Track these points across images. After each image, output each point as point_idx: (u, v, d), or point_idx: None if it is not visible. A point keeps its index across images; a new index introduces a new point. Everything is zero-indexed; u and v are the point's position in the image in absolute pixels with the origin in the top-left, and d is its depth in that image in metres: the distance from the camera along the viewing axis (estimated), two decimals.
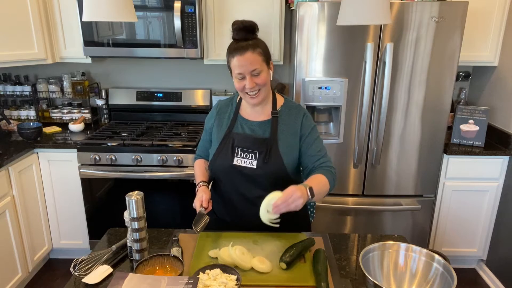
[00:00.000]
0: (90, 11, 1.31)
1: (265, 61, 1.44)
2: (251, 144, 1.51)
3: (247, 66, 1.40)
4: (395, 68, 2.32)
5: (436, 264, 1.22)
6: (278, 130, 1.52)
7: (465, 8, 2.22)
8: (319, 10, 2.24)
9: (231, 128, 1.56)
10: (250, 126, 1.55)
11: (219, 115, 1.62)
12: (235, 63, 1.41)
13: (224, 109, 1.63)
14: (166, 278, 1.12)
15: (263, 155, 1.48)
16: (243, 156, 1.51)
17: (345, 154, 2.48)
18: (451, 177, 2.58)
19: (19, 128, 2.62)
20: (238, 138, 1.53)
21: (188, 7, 2.50)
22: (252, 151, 1.50)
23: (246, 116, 1.57)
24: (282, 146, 1.50)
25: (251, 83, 1.42)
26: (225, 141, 1.54)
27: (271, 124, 1.52)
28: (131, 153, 2.54)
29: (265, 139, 1.50)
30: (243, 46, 1.40)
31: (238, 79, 1.44)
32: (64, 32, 2.70)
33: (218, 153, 1.54)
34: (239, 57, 1.40)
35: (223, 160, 1.53)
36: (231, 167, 1.51)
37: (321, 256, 1.33)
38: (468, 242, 2.73)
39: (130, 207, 1.25)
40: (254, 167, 1.49)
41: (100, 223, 2.71)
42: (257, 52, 1.41)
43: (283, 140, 1.51)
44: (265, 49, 1.45)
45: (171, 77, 3.15)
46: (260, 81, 1.43)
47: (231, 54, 1.42)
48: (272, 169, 1.48)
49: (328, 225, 2.63)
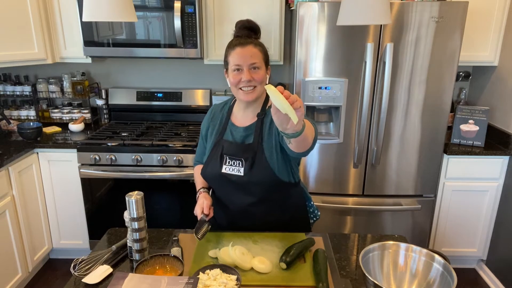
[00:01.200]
0: (90, 11, 1.31)
1: (265, 61, 1.44)
2: (237, 152, 1.47)
3: (247, 58, 1.38)
4: (395, 68, 2.32)
5: (436, 264, 1.22)
6: (263, 133, 1.46)
7: (465, 8, 2.22)
8: (319, 10, 2.24)
9: (221, 135, 1.54)
10: (238, 132, 1.51)
11: (213, 121, 1.60)
12: (234, 55, 1.40)
13: (217, 114, 1.61)
14: (166, 278, 1.12)
15: (249, 162, 1.44)
16: (231, 163, 1.47)
17: (345, 154, 2.48)
18: (451, 177, 2.58)
19: (19, 128, 2.62)
20: (226, 146, 1.50)
21: (188, 7, 2.50)
22: (238, 158, 1.46)
23: (235, 122, 1.54)
24: (267, 149, 1.44)
25: (248, 75, 1.38)
26: (215, 148, 1.52)
27: (255, 127, 1.47)
28: (131, 153, 2.54)
29: (248, 145, 1.46)
30: (245, 41, 1.41)
31: (235, 73, 1.41)
32: (64, 32, 2.70)
33: (209, 161, 1.53)
34: (240, 48, 1.39)
35: (212, 168, 1.50)
36: (220, 175, 1.49)
37: (321, 256, 1.33)
38: (468, 242, 2.73)
39: (130, 207, 1.25)
40: (241, 174, 1.45)
41: (100, 223, 2.71)
42: (258, 49, 1.41)
43: (267, 143, 1.45)
44: (265, 52, 1.45)
45: (171, 77, 3.15)
46: (257, 76, 1.40)
47: (231, 47, 1.41)
48: (259, 176, 1.43)
49: (328, 225, 2.63)
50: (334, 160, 2.49)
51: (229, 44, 1.44)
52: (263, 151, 1.44)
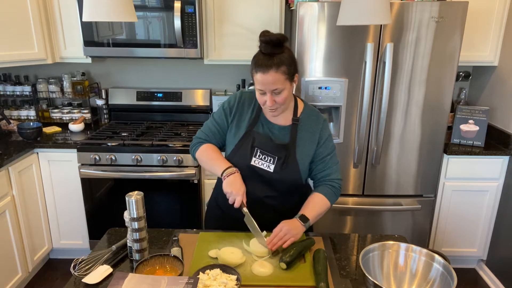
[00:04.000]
0: (90, 11, 1.31)
1: (289, 79, 1.42)
2: (271, 148, 1.52)
3: (269, 85, 1.39)
4: (395, 68, 2.32)
5: (436, 264, 1.22)
6: (297, 137, 1.54)
7: (465, 8, 2.22)
8: (319, 10, 2.24)
9: (253, 125, 1.55)
10: (271, 128, 1.55)
11: (241, 108, 1.58)
12: (257, 78, 1.40)
13: (247, 102, 1.59)
14: (166, 278, 1.12)
15: (281, 161, 1.50)
16: (262, 158, 1.52)
17: (345, 154, 2.48)
18: (451, 177, 2.58)
19: (19, 128, 2.62)
20: (258, 139, 1.53)
21: (188, 7, 2.50)
22: (271, 155, 1.51)
23: (268, 117, 1.57)
24: (299, 154, 1.52)
25: (270, 101, 1.42)
26: (245, 138, 1.54)
27: (291, 130, 1.54)
28: (131, 153, 2.54)
29: (284, 145, 1.52)
30: (267, 64, 1.37)
31: (260, 93, 1.44)
32: (64, 32, 2.70)
33: (237, 150, 1.54)
34: (261, 74, 1.38)
35: (241, 158, 1.53)
36: (247, 167, 1.52)
37: (321, 256, 1.33)
38: (468, 242, 2.73)
39: (130, 207, 1.25)
40: (271, 170, 1.51)
41: (100, 223, 2.71)
42: (281, 71, 1.38)
43: (301, 147, 1.53)
44: (290, 65, 1.41)
45: (171, 77, 3.15)
46: (280, 99, 1.43)
47: (255, 68, 1.40)
48: (289, 175, 1.51)
49: (328, 225, 2.63)
50: None
51: (254, 60, 1.42)
52: (296, 153, 1.52)
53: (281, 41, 1.39)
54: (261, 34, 1.39)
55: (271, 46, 1.38)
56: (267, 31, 1.41)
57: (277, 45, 1.38)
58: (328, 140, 1.56)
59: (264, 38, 1.38)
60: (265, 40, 1.38)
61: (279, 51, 1.39)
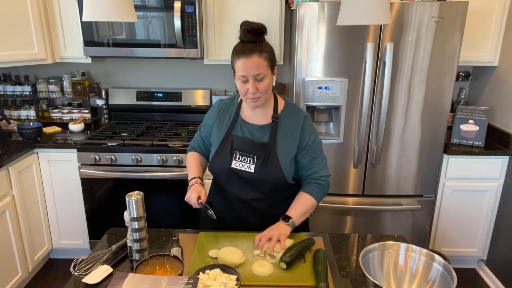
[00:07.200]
0: (90, 11, 1.31)
1: (270, 67, 1.43)
2: (249, 148, 1.50)
3: (252, 70, 1.39)
4: (395, 68, 2.32)
5: (436, 264, 1.22)
6: (278, 134, 1.51)
7: (465, 8, 2.22)
8: (319, 10, 2.24)
9: (231, 130, 1.55)
10: (249, 129, 1.54)
11: (220, 116, 1.61)
12: (239, 65, 1.40)
13: (225, 109, 1.61)
14: (166, 278, 1.12)
15: (261, 160, 1.49)
16: (241, 159, 1.51)
17: (345, 154, 2.48)
18: (451, 177, 2.58)
19: (19, 128, 2.62)
20: (237, 141, 1.52)
21: (188, 7, 2.50)
22: (250, 155, 1.50)
23: (246, 118, 1.56)
24: (280, 152, 1.50)
25: (253, 87, 1.41)
26: (225, 143, 1.54)
27: (271, 128, 1.52)
28: (131, 153, 2.54)
29: (264, 144, 1.50)
30: (250, 48, 1.39)
31: (241, 82, 1.43)
32: (64, 32, 2.70)
33: (217, 155, 1.54)
34: (244, 59, 1.38)
35: (221, 163, 1.53)
36: (229, 170, 1.52)
37: (321, 256, 1.33)
38: (468, 242, 2.73)
39: (130, 207, 1.25)
40: (251, 171, 1.49)
41: (100, 223, 2.71)
42: (263, 57, 1.39)
43: (281, 145, 1.51)
44: (271, 54, 1.44)
45: (171, 77, 3.15)
46: (262, 87, 1.42)
47: (237, 55, 1.41)
48: (270, 174, 1.49)
49: (328, 225, 2.63)
50: (334, 160, 2.49)
51: (235, 50, 1.43)
52: (276, 151, 1.49)
53: (262, 30, 1.42)
54: (242, 24, 1.42)
55: (252, 34, 1.40)
56: (247, 21, 1.43)
57: (258, 33, 1.41)
58: (313, 142, 1.53)
59: (246, 27, 1.40)
60: (246, 28, 1.40)
61: (260, 39, 1.42)
